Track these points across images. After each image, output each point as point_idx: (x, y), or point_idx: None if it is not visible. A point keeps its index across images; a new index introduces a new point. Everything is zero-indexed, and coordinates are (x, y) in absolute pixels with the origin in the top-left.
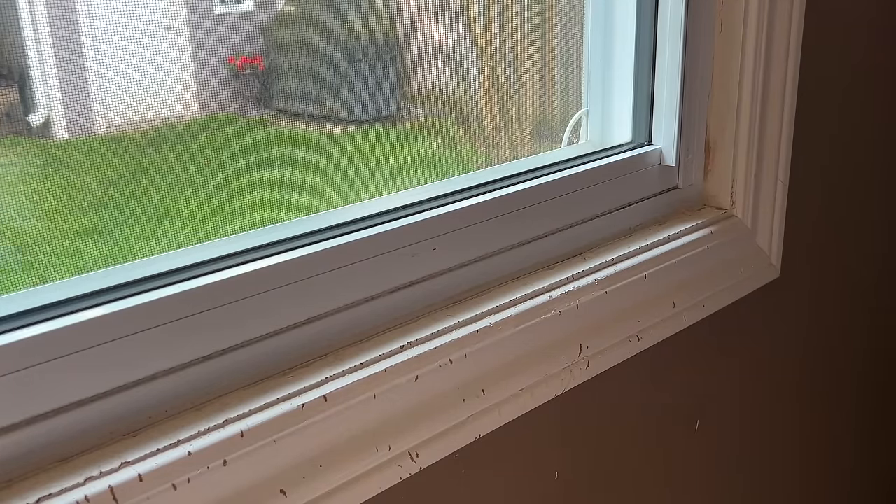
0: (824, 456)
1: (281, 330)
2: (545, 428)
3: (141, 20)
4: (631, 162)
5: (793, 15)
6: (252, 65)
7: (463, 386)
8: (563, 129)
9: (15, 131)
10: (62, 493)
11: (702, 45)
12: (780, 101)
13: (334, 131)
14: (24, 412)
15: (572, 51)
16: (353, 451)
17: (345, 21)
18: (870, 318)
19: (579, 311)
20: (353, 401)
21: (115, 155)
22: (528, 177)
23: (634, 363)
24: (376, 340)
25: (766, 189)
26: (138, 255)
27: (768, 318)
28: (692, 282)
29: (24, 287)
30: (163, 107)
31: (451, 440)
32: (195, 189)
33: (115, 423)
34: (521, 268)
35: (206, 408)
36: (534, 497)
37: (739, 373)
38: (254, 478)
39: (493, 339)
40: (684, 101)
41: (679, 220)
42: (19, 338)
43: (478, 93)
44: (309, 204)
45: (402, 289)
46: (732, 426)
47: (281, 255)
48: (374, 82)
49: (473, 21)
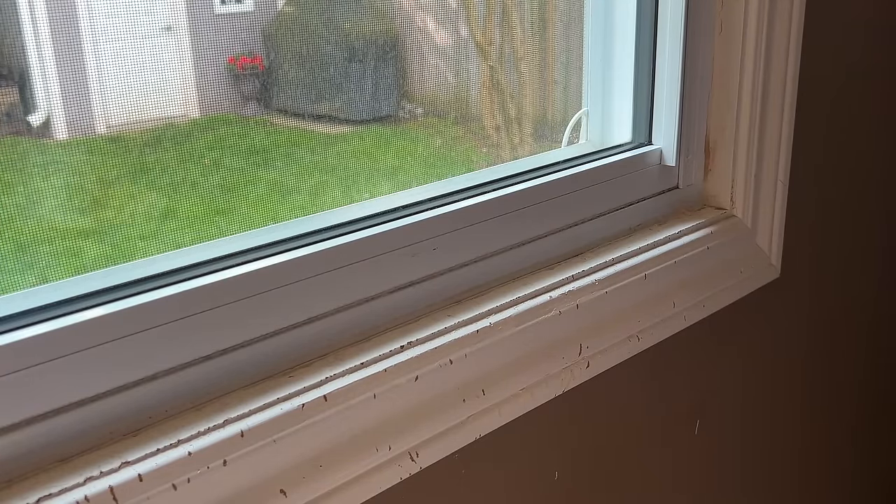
0: (824, 455)
1: (281, 330)
2: (545, 428)
3: (141, 20)
4: (631, 162)
5: (793, 15)
6: (252, 65)
7: (463, 386)
8: (563, 129)
9: (15, 131)
10: (62, 493)
11: (702, 45)
12: (779, 101)
13: (334, 131)
14: (24, 412)
15: (572, 51)
16: (353, 451)
17: (345, 21)
18: (870, 318)
19: (579, 311)
20: (353, 401)
21: (115, 155)
22: (528, 177)
23: (634, 363)
24: (376, 340)
25: (766, 189)
26: (138, 255)
27: (768, 318)
28: (692, 282)
29: (24, 287)
30: (163, 107)
31: (451, 440)
32: (195, 189)
33: (115, 423)
34: (521, 268)
35: (206, 408)
36: (534, 497)
37: (739, 373)
38: (254, 478)
39: (493, 339)
40: (684, 101)
41: (679, 220)
42: (19, 338)
43: (478, 93)
44: (309, 204)
45: (402, 289)
46: (733, 426)
47: (281, 255)
48: (374, 82)
49: (473, 21)
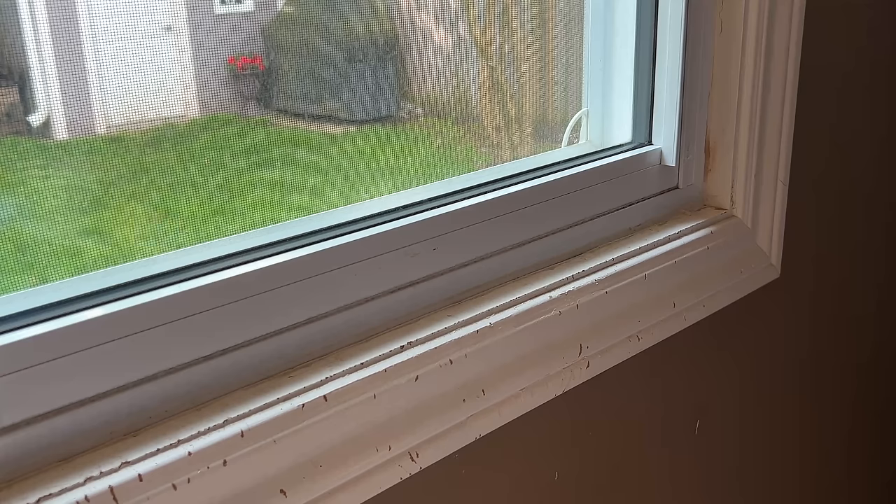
0: (824, 455)
1: (281, 330)
2: (545, 428)
3: (141, 20)
4: (631, 162)
5: (793, 15)
6: (252, 65)
7: (463, 386)
8: (563, 129)
9: (15, 131)
10: (62, 493)
11: (702, 45)
12: (780, 101)
13: (334, 131)
14: (24, 412)
15: (572, 51)
16: (353, 451)
17: (345, 21)
18: (870, 318)
19: (579, 311)
20: (353, 401)
21: (115, 155)
22: (528, 177)
23: (634, 363)
24: (376, 340)
25: (766, 189)
26: (138, 255)
27: (768, 318)
28: (692, 282)
29: (24, 287)
30: (163, 107)
31: (451, 440)
32: (195, 189)
33: (115, 423)
34: (521, 268)
35: (206, 408)
36: (534, 497)
37: (739, 373)
38: (254, 478)
39: (493, 340)
40: (684, 102)
41: (679, 220)
42: (19, 338)
43: (478, 93)
44: (309, 204)
45: (402, 289)
46: (733, 426)
47: (281, 255)
48: (374, 82)
49: (473, 21)
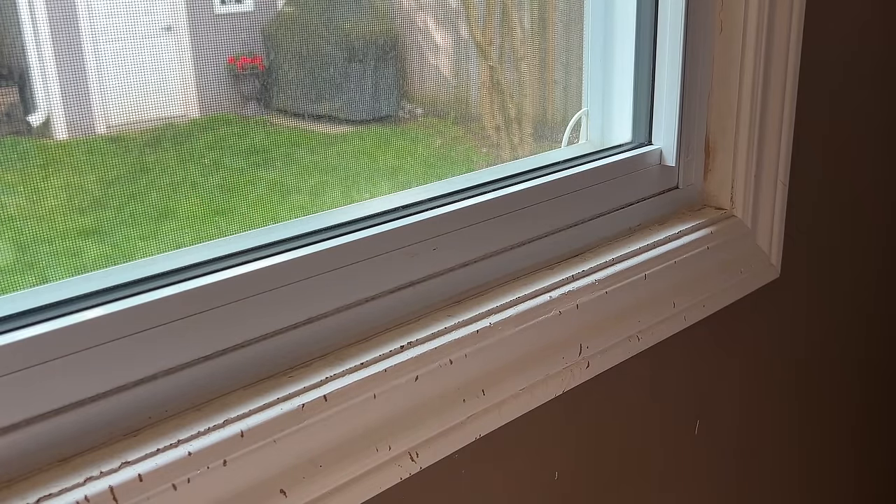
0: (824, 455)
1: (281, 330)
2: (545, 428)
3: (141, 20)
4: (631, 162)
5: (793, 15)
6: (252, 65)
7: (463, 386)
8: (563, 129)
9: (15, 131)
10: (62, 493)
11: (702, 45)
12: (780, 101)
13: (334, 131)
14: (24, 412)
15: (572, 51)
16: (353, 451)
17: (345, 21)
18: (869, 318)
19: (579, 311)
20: (353, 401)
21: (115, 155)
22: (528, 177)
23: (634, 363)
24: (376, 340)
25: (766, 189)
26: (138, 255)
27: (768, 318)
28: (692, 282)
29: (24, 287)
30: (163, 107)
31: (451, 440)
32: (195, 189)
33: (115, 423)
34: (521, 268)
35: (206, 408)
36: (534, 497)
37: (739, 373)
38: (254, 478)
39: (493, 339)
40: (684, 102)
41: (679, 220)
42: (19, 338)
43: (478, 93)
44: (309, 204)
45: (402, 289)
46: (732, 426)
47: (281, 255)
48: (374, 82)
49: (473, 21)
